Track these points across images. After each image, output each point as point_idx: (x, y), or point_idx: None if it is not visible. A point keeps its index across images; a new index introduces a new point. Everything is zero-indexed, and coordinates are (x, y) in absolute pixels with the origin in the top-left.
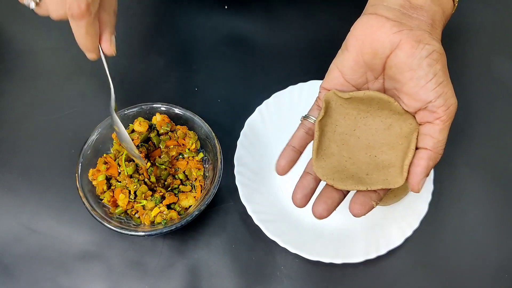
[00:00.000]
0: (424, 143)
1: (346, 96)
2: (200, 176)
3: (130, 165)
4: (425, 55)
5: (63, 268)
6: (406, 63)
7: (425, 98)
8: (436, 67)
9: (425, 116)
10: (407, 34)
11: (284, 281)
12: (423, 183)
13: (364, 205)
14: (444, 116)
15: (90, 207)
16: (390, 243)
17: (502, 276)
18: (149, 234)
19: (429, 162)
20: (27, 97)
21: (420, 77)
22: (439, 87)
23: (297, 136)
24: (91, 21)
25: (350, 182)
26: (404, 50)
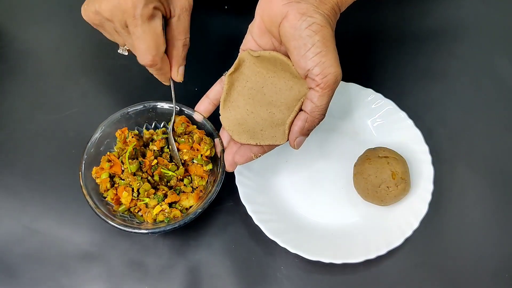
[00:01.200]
0: (305, 106)
1: (255, 54)
2: (201, 186)
3: (133, 163)
4: (305, 26)
5: (64, 268)
6: (290, 33)
7: (305, 66)
8: (315, 38)
9: (309, 83)
10: (293, 6)
11: (284, 281)
12: (299, 141)
13: (243, 155)
14: (322, 84)
15: (94, 204)
16: (390, 243)
17: (502, 276)
18: (152, 232)
19: (304, 123)
20: (29, 97)
21: (300, 46)
22: (316, 56)
23: (213, 90)
24: (160, 65)
25: (245, 136)
26: (289, 20)
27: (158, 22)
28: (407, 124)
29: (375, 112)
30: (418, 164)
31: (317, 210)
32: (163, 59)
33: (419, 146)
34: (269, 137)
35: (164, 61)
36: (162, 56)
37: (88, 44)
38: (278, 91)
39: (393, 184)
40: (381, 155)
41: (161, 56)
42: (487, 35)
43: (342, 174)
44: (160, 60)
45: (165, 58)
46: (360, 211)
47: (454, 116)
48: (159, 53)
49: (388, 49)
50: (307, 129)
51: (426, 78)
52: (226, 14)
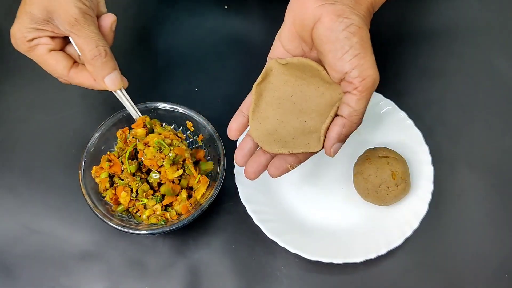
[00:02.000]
0: (342, 111)
1: (283, 62)
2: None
3: (133, 163)
4: (342, 28)
5: (63, 268)
6: (325, 36)
7: (342, 69)
8: (353, 40)
9: (345, 86)
10: (328, 8)
11: (284, 281)
12: (336, 148)
13: (278, 167)
14: (360, 87)
15: (92, 204)
16: (390, 243)
17: (502, 276)
18: (150, 233)
19: (342, 129)
20: (28, 97)
21: (337, 49)
22: (354, 58)
23: (246, 102)
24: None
25: (276, 145)
26: (324, 23)
27: (41, 49)
28: (407, 124)
29: (375, 112)
30: (418, 164)
31: (317, 210)
32: (73, 75)
33: (419, 146)
34: (302, 144)
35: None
36: (67, 73)
37: None
38: (308, 99)
39: (393, 184)
40: (381, 155)
41: (64, 74)
42: (487, 35)
43: (342, 174)
44: (67, 76)
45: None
46: (360, 211)
47: (454, 116)
48: (59, 74)
49: (388, 49)
50: (345, 134)
51: (426, 78)
52: (226, 14)
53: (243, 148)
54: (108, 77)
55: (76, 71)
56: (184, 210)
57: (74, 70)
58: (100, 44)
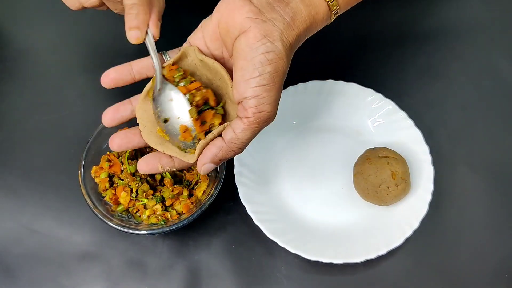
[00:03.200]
0: (225, 133)
1: (200, 58)
2: (200, 192)
3: (132, 163)
4: (261, 51)
5: (63, 268)
6: (244, 51)
7: (242, 92)
8: (266, 68)
9: (240, 111)
10: (258, 24)
11: (284, 281)
12: (207, 168)
13: (149, 164)
14: (252, 118)
15: (92, 204)
16: (390, 243)
17: (502, 276)
18: (150, 233)
19: (217, 151)
20: (28, 97)
21: (248, 70)
22: (259, 88)
23: (142, 62)
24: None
25: (154, 139)
26: (248, 38)
27: None
28: (407, 124)
29: (375, 112)
30: (418, 164)
31: (317, 210)
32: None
33: (419, 146)
34: (179, 151)
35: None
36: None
37: (88, 44)
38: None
39: (393, 184)
40: (381, 155)
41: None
42: (487, 35)
43: (342, 174)
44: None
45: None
46: (360, 211)
47: (454, 116)
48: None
49: (388, 49)
50: (220, 158)
51: (426, 78)
52: None
53: (119, 111)
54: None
55: None
56: (186, 208)
57: None
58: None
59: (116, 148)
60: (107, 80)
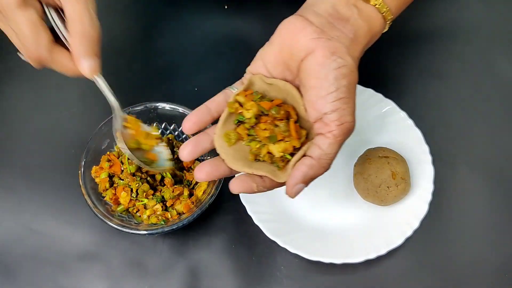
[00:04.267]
0: (312, 151)
1: (269, 82)
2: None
3: (132, 163)
4: (334, 67)
5: (63, 268)
6: (314, 71)
7: (321, 109)
8: (341, 82)
9: (320, 127)
10: (324, 43)
11: (284, 281)
12: (297, 189)
13: (243, 183)
14: (336, 131)
15: (92, 204)
16: (390, 243)
17: (502, 276)
18: (150, 233)
19: (308, 170)
20: (28, 97)
21: (323, 87)
22: (338, 101)
23: (215, 100)
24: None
25: (241, 163)
26: (316, 57)
27: (33, 12)
28: (407, 124)
29: (375, 112)
30: (418, 164)
31: (317, 210)
32: (54, 51)
33: (419, 146)
34: (269, 170)
35: (56, 53)
36: (50, 48)
37: None
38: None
39: (393, 184)
40: (381, 155)
41: (48, 48)
42: (487, 35)
43: (342, 174)
44: (47, 53)
45: (58, 50)
46: (360, 211)
47: (454, 116)
48: (43, 47)
49: (388, 49)
50: (311, 177)
51: (426, 78)
52: (226, 14)
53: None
54: (87, 61)
55: (57, 48)
56: (186, 208)
57: (55, 46)
58: (96, 22)
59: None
60: (190, 125)
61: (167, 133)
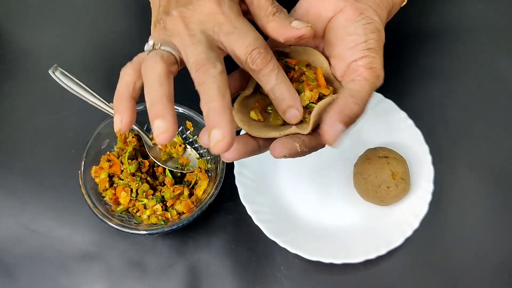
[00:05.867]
0: (342, 93)
1: (286, 50)
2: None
3: (132, 163)
4: (363, 22)
5: (63, 268)
6: (343, 26)
7: (349, 58)
8: (370, 35)
9: (348, 75)
10: (352, 3)
11: (284, 281)
12: (336, 131)
13: (286, 144)
14: (365, 73)
15: (92, 204)
16: (390, 243)
17: (502, 276)
18: (150, 233)
19: (342, 107)
20: (28, 97)
21: (351, 40)
22: (367, 50)
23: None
24: None
25: (266, 129)
26: (346, 14)
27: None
28: (407, 124)
29: (375, 112)
30: (418, 164)
31: (317, 210)
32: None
33: (419, 146)
34: (293, 128)
35: None
36: None
37: (88, 44)
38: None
39: (393, 184)
40: (381, 155)
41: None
42: (487, 35)
43: (342, 174)
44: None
45: None
46: (360, 211)
47: (454, 116)
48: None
49: (388, 49)
50: (348, 114)
51: (426, 78)
52: None
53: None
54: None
55: None
56: (186, 208)
57: None
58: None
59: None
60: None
61: None
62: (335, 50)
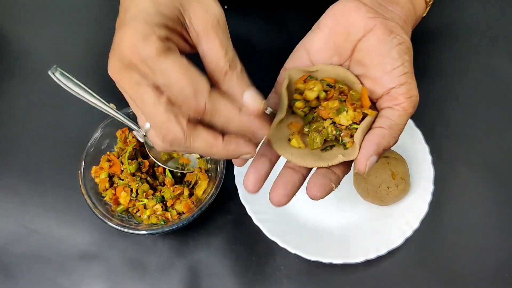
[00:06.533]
0: (381, 122)
1: (312, 69)
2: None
3: (132, 163)
4: (395, 43)
5: (63, 268)
6: (376, 47)
7: (388, 84)
8: (404, 57)
9: (387, 101)
10: (381, 22)
11: (284, 281)
12: (371, 162)
13: (322, 186)
14: (405, 103)
15: (92, 204)
16: (390, 243)
17: (502, 276)
18: (150, 233)
19: (381, 140)
20: (28, 97)
21: (388, 63)
22: (404, 76)
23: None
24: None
25: (310, 158)
26: (377, 34)
27: (178, 54)
28: (407, 124)
29: None
30: (418, 164)
31: (317, 210)
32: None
33: (419, 146)
34: (336, 156)
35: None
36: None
37: (88, 44)
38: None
39: (393, 184)
40: None
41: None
42: (487, 35)
43: None
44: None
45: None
46: (360, 211)
47: (454, 116)
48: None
49: None
50: (383, 148)
51: (426, 78)
52: (226, 14)
53: (258, 170)
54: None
55: (216, 93)
56: (186, 208)
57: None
58: (234, 54)
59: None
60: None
61: None
62: (370, 72)
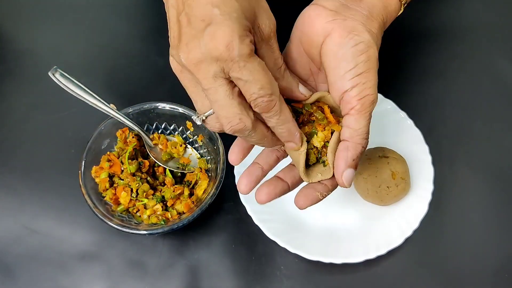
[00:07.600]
0: (343, 135)
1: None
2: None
3: (133, 163)
4: (351, 45)
5: (63, 268)
6: (333, 51)
7: (341, 87)
8: (359, 58)
9: (344, 107)
10: (339, 24)
11: (284, 281)
12: (348, 176)
13: (308, 196)
14: (358, 106)
15: (92, 204)
16: (390, 243)
17: (502, 276)
18: (150, 233)
19: (347, 153)
20: (28, 97)
21: (341, 67)
22: (356, 77)
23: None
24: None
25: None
26: (334, 38)
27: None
28: (407, 124)
29: (375, 112)
30: (418, 164)
31: (317, 210)
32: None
33: (419, 146)
34: (317, 175)
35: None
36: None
37: (88, 44)
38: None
39: (393, 184)
40: (381, 155)
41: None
42: (487, 34)
43: None
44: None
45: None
46: (360, 211)
47: (454, 116)
48: (276, 90)
49: (388, 49)
50: (352, 158)
51: (426, 78)
52: None
53: (251, 174)
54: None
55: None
56: (187, 208)
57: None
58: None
59: (266, 200)
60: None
61: (167, 133)
62: (328, 77)
